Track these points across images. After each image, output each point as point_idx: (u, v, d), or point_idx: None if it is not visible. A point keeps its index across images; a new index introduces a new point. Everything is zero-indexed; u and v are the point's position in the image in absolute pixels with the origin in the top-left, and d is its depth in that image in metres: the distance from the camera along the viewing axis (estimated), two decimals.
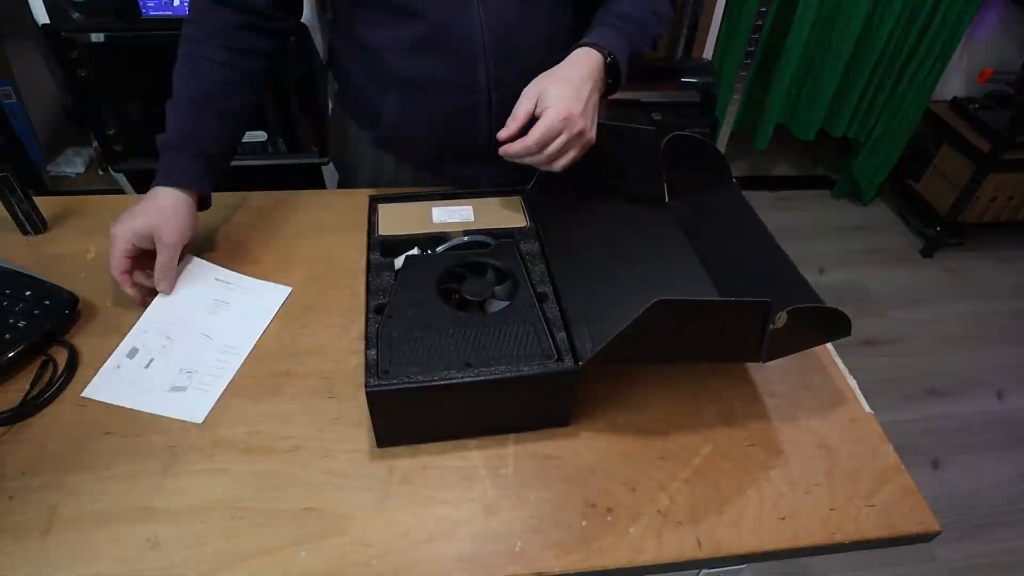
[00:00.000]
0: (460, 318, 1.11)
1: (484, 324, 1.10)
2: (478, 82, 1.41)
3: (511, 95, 1.27)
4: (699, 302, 1.02)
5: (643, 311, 0.93)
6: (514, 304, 1.14)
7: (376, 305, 1.14)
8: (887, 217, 4.31)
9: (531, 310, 1.12)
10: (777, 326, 1.02)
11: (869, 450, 1.14)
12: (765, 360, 1.08)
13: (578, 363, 1.05)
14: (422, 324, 1.09)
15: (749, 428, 1.16)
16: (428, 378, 1.00)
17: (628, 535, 1.00)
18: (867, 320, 3.56)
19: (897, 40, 3.57)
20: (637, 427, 1.15)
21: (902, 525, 1.04)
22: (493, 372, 1.01)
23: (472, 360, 1.03)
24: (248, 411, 1.14)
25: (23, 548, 0.94)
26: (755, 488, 1.07)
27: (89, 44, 2.46)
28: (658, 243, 1.36)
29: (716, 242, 1.33)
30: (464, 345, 1.06)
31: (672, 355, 1.12)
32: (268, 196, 1.61)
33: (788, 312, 1.01)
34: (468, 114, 1.46)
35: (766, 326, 1.02)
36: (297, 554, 0.95)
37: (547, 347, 1.07)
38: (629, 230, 1.39)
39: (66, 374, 1.16)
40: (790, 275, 1.19)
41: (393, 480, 1.05)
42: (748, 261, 1.28)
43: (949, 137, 3.86)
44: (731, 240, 1.34)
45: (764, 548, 1.00)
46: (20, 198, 1.39)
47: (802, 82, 3.76)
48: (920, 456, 2.93)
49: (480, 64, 1.38)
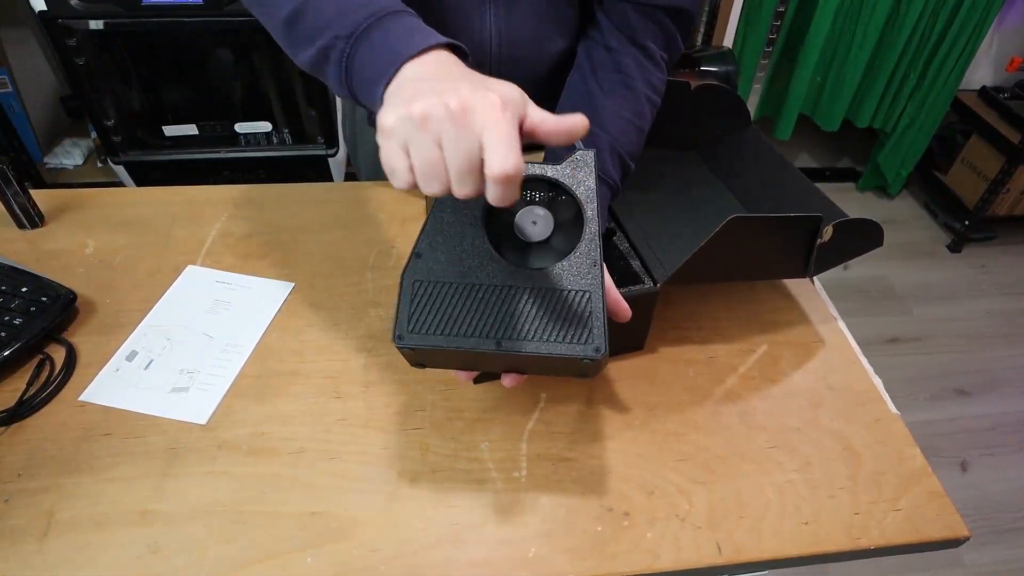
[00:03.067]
0: (504, 270, 0.91)
1: (532, 286, 0.91)
2: None
3: None
4: (764, 217, 1.13)
5: (719, 228, 1.05)
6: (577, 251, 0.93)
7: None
8: (913, 210, 4.29)
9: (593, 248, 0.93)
10: (824, 239, 1.17)
11: (894, 452, 1.13)
12: (812, 275, 1.25)
13: (656, 284, 1.15)
14: (455, 271, 0.92)
15: (770, 430, 1.15)
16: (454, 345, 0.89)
17: (645, 540, 0.99)
18: (892, 317, 3.54)
19: (924, 27, 3.54)
20: (653, 429, 1.14)
21: (929, 530, 1.03)
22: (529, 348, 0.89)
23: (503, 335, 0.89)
24: (251, 411, 1.14)
25: (19, 552, 0.94)
26: (776, 492, 1.06)
27: (87, 31, 2.47)
28: (693, 183, 1.47)
29: (744, 178, 1.46)
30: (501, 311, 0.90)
31: (734, 273, 1.24)
32: (272, 189, 1.61)
33: (833, 225, 1.16)
34: None
35: (815, 240, 1.17)
36: (302, 559, 0.95)
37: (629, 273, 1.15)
38: (664, 174, 1.49)
39: (64, 373, 1.16)
40: (817, 199, 1.35)
41: (401, 483, 1.05)
42: (778, 191, 1.41)
43: (978, 127, 3.84)
44: (758, 175, 1.46)
45: (786, 554, 0.99)
46: (16, 191, 1.39)
47: (826, 70, 3.74)
48: (947, 458, 2.92)
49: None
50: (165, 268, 1.37)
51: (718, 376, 1.24)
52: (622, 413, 1.16)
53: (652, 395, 1.20)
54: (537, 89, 1.28)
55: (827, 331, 1.33)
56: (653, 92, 1.27)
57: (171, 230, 1.46)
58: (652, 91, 1.27)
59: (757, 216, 1.13)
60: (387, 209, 1.52)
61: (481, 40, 1.32)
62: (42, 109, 3.24)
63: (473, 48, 1.32)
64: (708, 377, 1.23)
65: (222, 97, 2.83)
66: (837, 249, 1.22)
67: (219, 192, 1.46)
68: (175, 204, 1.53)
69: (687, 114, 1.52)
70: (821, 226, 1.16)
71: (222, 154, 2.92)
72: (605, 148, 1.19)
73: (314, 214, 1.53)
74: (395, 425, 1.12)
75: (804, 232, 1.18)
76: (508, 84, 0.81)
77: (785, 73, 3.80)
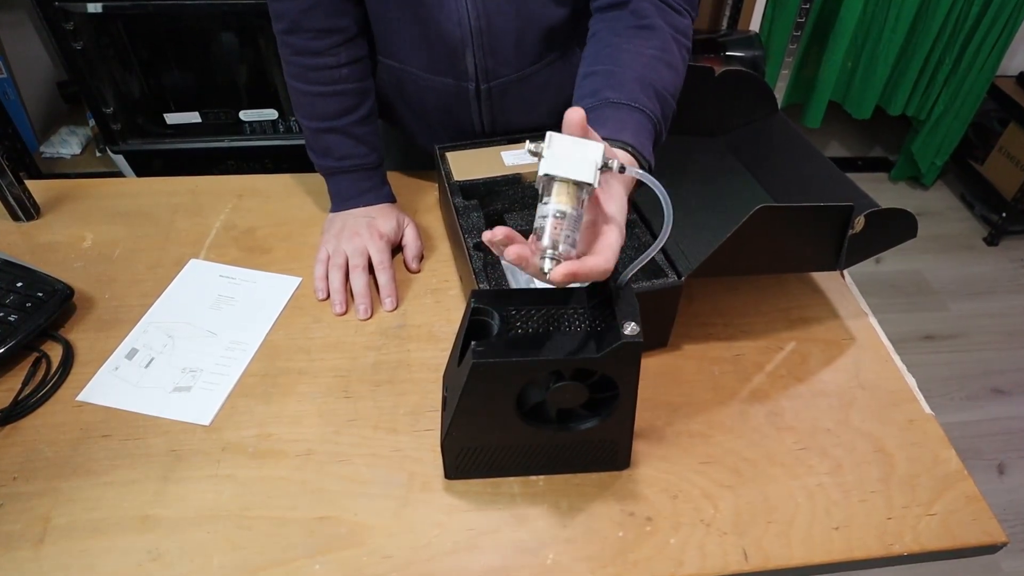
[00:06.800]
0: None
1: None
2: (466, 71, 1.42)
3: (501, 87, 1.40)
4: (793, 207, 1.15)
5: (746, 219, 1.06)
6: None
7: (475, 243, 1.25)
8: (949, 201, 4.26)
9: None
10: (856, 231, 1.18)
11: (929, 454, 1.13)
12: (843, 267, 1.24)
13: (680, 277, 1.17)
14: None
15: (799, 431, 1.15)
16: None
17: (668, 546, 0.99)
18: (927, 313, 3.52)
19: (960, 10, 3.51)
20: (678, 430, 1.14)
21: (965, 535, 1.02)
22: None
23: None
24: (256, 412, 1.14)
25: (14, 560, 0.94)
26: (806, 496, 1.06)
27: (85, 15, 2.47)
28: (718, 172, 1.47)
29: (771, 167, 1.46)
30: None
31: (762, 265, 1.25)
32: (278, 179, 1.61)
33: (865, 216, 1.16)
34: (459, 100, 1.48)
35: (846, 231, 1.18)
36: (310, 567, 0.95)
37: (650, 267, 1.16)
38: (688, 162, 1.50)
39: (61, 372, 1.17)
40: (847, 188, 1.37)
41: (413, 487, 1.05)
42: (806, 180, 1.43)
43: (1016, 115, 3.80)
44: (785, 163, 1.47)
45: (815, 560, 0.99)
46: (10, 181, 1.39)
47: (857, 55, 3.71)
48: (984, 461, 2.91)
49: (468, 53, 1.39)
50: (167, 262, 1.37)
51: (745, 375, 1.23)
52: (644, 413, 1.15)
53: (676, 394, 1.19)
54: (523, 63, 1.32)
55: (858, 328, 1.32)
56: (677, 32, 1.24)
57: (173, 222, 1.46)
58: (676, 31, 1.24)
59: (786, 206, 1.13)
60: (399, 200, 1.52)
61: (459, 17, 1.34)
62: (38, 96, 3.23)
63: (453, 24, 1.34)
64: (734, 376, 1.23)
65: (226, 83, 2.83)
66: (869, 240, 1.21)
67: (223, 182, 1.46)
68: (177, 195, 1.54)
69: (712, 100, 1.52)
70: (853, 216, 1.15)
71: (226, 143, 2.92)
72: (631, 80, 1.15)
73: (322, 205, 1.52)
74: (406, 426, 1.12)
75: (835, 223, 1.18)
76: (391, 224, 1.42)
77: (815, 58, 3.77)
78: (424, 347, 1.25)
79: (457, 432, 0.98)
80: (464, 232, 1.27)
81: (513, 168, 1.40)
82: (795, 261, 1.28)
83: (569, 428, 0.99)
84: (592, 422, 0.98)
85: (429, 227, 1.48)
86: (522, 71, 1.44)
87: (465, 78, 1.43)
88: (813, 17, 3.55)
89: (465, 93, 1.45)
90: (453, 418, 0.95)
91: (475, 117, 1.51)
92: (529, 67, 1.44)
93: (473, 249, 1.24)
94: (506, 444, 1.01)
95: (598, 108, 1.11)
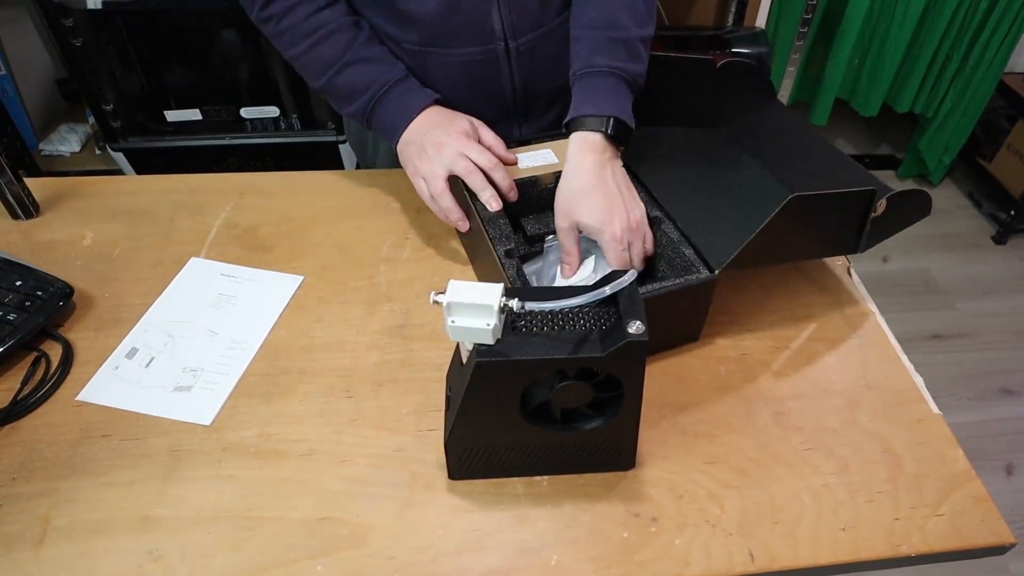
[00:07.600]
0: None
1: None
2: (493, 30, 1.42)
3: (530, 44, 1.41)
4: (823, 195, 1.17)
5: (779, 209, 1.09)
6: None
7: (506, 250, 1.25)
8: (956, 200, 4.26)
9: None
10: (877, 213, 1.22)
11: (936, 454, 1.12)
12: (863, 249, 1.27)
13: (713, 271, 1.17)
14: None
15: (805, 430, 1.15)
16: None
17: (674, 547, 0.99)
18: (934, 312, 3.52)
19: (968, 6, 3.50)
20: (683, 429, 1.14)
21: (973, 536, 1.02)
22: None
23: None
24: (257, 412, 1.14)
25: (13, 561, 0.94)
26: (812, 496, 1.06)
27: (85, 11, 2.47)
28: (725, 162, 1.47)
29: (773, 153, 1.46)
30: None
31: (790, 253, 1.28)
32: (280, 177, 1.61)
33: (887, 199, 1.20)
34: (488, 67, 1.47)
35: (868, 214, 1.22)
36: (312, 568, 0.95)
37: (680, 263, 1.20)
38: (696, 154, 1.51)
39: (60, 372, 1.17)
40: (850, 168, 1.39)
41: (416, 487, 1.05)
42: (810, 164, 1.46)
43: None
44: (786, 149, 1.49)
45: (822, 561, 0.99)
46: (9, 179, 1.40)
47: (864, 52, 3.71)
48: (992, 461, 2.91)
49: (493, 10, 1.39)
50: (167, 260, 1.37)
51: (751, 374, 1.23)
52: (649, 413, 1.15)
53: (681, 394, 1.19)
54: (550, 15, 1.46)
55: (865, 327, 1.32)
56: None
57: (173, 220, 1.47)
58: None
59: (817, 193, 1.14)
60: (401, 198, 1.52)
61: None
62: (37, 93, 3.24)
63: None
64: (740, 375, 1.23)
65: (227, 80, 2.83)
66: (886, 222, 1.26)
67: (224, 180, 1.46)
68: (177, 193, 1.54)
69: (713, 92, 1.53)
70: (875, 200, 1.18)
71: (227, 140, 2.93)
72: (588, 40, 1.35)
73: (324, 203, 1.53)
74: (409, 426, 1.12)
75: (858, 207, 1.22)
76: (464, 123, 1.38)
77: (821, 55, 3.77)
78: (427, 346, 1.25)
79: (460, 432, 0.98)
80: (493, 241, 1.26)
81: (529, 170, 1.39)
82: (819, 247, 1.30)
83: (573, 428, 0.99)
84: (597, 422, 0.99)
85: (431, 226, 1.48)
86: (547, 25, 1.45)
87: (492, 39, 1.42)
88: (820, 13, 3.55)
89: (494, 56, 1.45)
90: (456, 418, 0.96)
91: (506, 83, 1.50)
92: (555, 19, 1.45)
93: (504, 257, 1.23)
94: (510, 444, 1.01)
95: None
